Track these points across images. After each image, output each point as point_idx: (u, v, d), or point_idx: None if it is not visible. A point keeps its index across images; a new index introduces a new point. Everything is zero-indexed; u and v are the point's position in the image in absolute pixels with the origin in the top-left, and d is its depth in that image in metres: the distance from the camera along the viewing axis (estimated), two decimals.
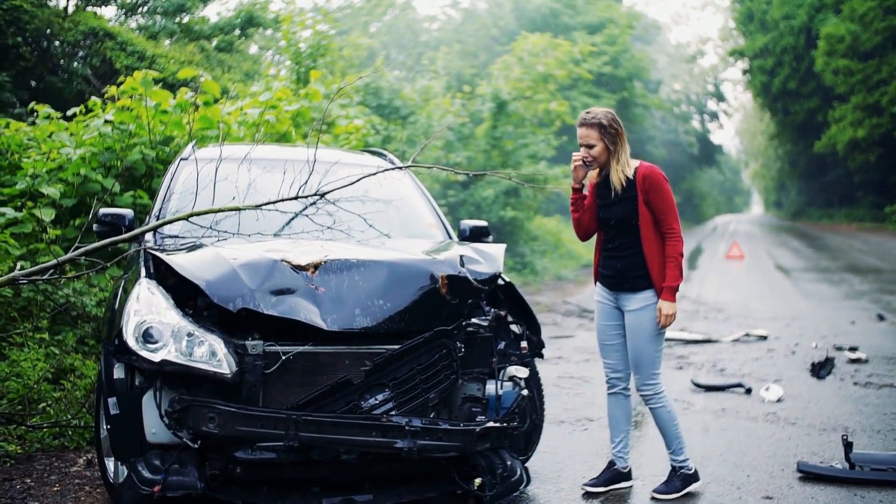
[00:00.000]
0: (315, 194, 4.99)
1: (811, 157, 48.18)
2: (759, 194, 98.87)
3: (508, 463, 4.44)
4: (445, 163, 16.41)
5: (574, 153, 4.74)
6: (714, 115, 54.63)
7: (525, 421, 4.44)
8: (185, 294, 4.17)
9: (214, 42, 20.75)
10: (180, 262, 4.11)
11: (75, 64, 16.22)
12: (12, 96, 14.47)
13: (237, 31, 21.46)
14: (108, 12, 21.13)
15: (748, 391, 7.35)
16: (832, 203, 50.29)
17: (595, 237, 4.96)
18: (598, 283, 4.90)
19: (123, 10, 21.10)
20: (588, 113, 4.68)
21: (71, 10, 17.73)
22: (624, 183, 4.60)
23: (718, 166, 60.49)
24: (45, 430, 5.48)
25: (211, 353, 3.85)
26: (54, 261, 4.41)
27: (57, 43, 16.34)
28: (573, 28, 30.47)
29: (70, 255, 4.43)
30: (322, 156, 5.80)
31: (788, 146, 52.42)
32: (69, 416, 5.63)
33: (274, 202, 4.90)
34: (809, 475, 5.12)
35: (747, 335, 10.29)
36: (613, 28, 30.48)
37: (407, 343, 4.08)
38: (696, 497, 4.79)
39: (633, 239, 4.65)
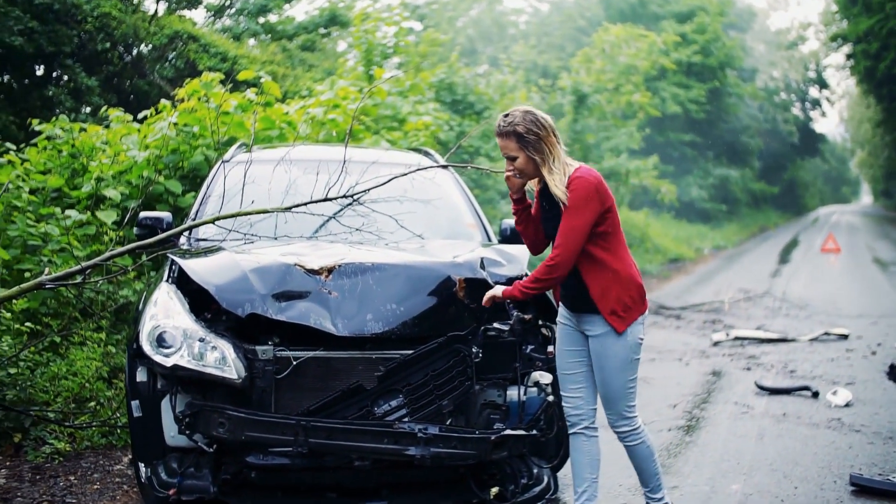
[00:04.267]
0: (344, 196, 4.96)
1: None
2: (867, 184, 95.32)
3: (535, 471, 4.33)
4: None
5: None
6: (816, 103, 52.86)
7: (552, 428, 4.31)
8: (209, 298, 4.19)
9: (298, 41, 21.04)
10: (194, 267, 4.13)
11: (160, 67, 16.63)
12: (101, 100, 14.91)
13: (321, 30, 21.73)
14: (197, 17, 21.67)
15: (815, 395, 7.04)
16: None
17: None
18: (559, 302, 4.20)
19: (211, 13, 21.58)
20: (505, 118, 3.93)
21: (161, 13, 18.22)
22: (562, 191, 3.82)
23: (822, 155, 58.46)
24: (93, 428, 5.61)
25: (221, 358, 3.86)
26: (79, 266, 4.49)
27: (143, 47, 16.78)
28: (662, 17, 29.82)
29: (96, 260, 4.51)
30: (361, 156, 5.78)
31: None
32: (117, 415, 5.74)
33: (302, 204, 4.88)
34: (863, 489, 4.85)
35: (826, 334, 9.89)
36: (704, 16, 29.69)
37: (420, 348, 4.01)
38: None
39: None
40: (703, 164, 32.75)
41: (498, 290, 4.02)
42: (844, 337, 9.79)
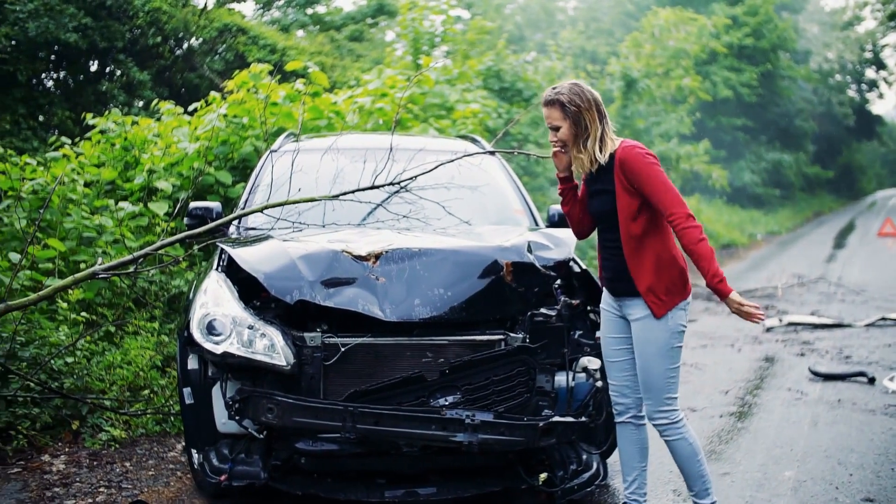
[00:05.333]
0: (391, 183, 4.97)
1: None
2: None
3: (584, 457, 4.32)
4: None
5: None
6: (873, 84, 51.72)
7: (601, 414, 4.28)
8: (258, 286, 4.23)
9: (346, 32, 21.14)
10: (243, 255, 4.18)
11: (210, 60, 16.81)
12: (153, 94, 15.13)
13: (368, 20, 21.81)
14: (246, 9, 21.85)
15: (871, 381, 6.91)
16: None
17: None
18: (603, 287, 4.08)
19: (260, 5, 21.77)
20: (553, 89, 3.88)
21: (210, 6, 18.42)
22: (593, 170, 3.83)
23: (879, 138, 57.18)
24: (147, 416, 5.70)
25: (270, 346, 3.90)
26: (130, 256, 4.56)
27: (194, 40, 16.98)
28: (713, 0, 29.39)
29: (147, 249, 4.59)
30: (407, 143, 5.79)
31: None
32: (169, 403, 5.83)
33: (349, 192, 4.91)
34: None
35: (883, 319, 9.69)
36: None
37: (488, 353, 4.01)
38: (786, 496, 4.53)
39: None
40: (755, 149, 32.25)
41: (729, 303, 3.72)
42: None
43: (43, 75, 15.20)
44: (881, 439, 5.47)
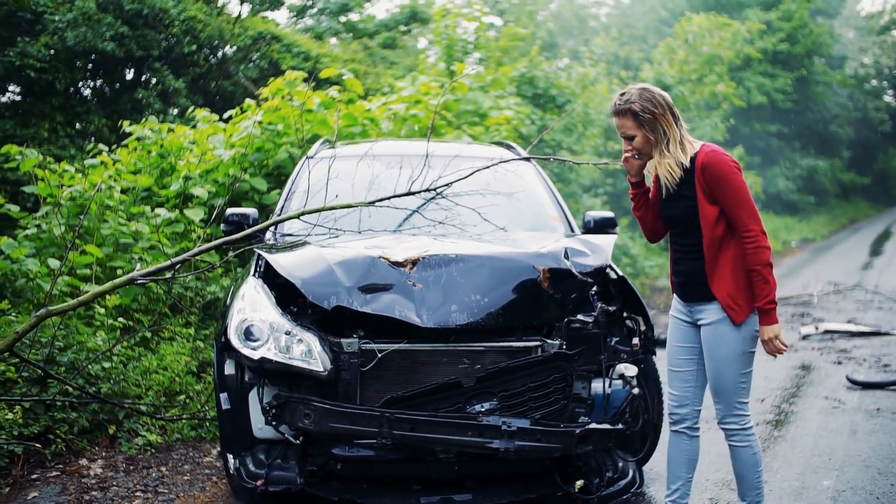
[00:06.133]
0: (427, 189, 4.98)
1: None
2: None
3: (620, 464, 4.30)
4: (605, 152, 16.09)
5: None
6: None
7: (637, 421, 4.26)
8: (294, 292, 4.25)
9: (379, 39, 21.21)
10: (281, 261, 4.20)
11: (244, 67, 16.94)
12: (188, 102, 15.26)
13: (401, 28, 21.87)
14: (280, 17, 22.04)
15: None
16: None
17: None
18: (674, 293, 4.03)
19: (293, 13, 21.91)
20: (621, 96, 3.77)
21: (244, 15, 18.57)
22: (674, 176, 3.72)
23: None
24: (183, 421, 5.74)
25: (307, 351, 3.91)
26: (168, 262, 4.60)
27: (228, 48, 17.11)
28: (746, 5, 29.14)
29: (185, 255, 4.62)
30: (442, 150, 5.80)
31: None
32: (205, 409, 5.87)
33: (386, 198, 4.92)
34: None
35: None
36: (790, 3, 28.93)
37: (524, 359, 4.00)
38: None
39: (700, 240, 3.76)
40: (789, 155, 31.91)
41: (764, 331, 3.72)
42: None
43: (80, 84, 15.39)
44: None
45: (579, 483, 4.12)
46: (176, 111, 15.45)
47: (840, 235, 27.26)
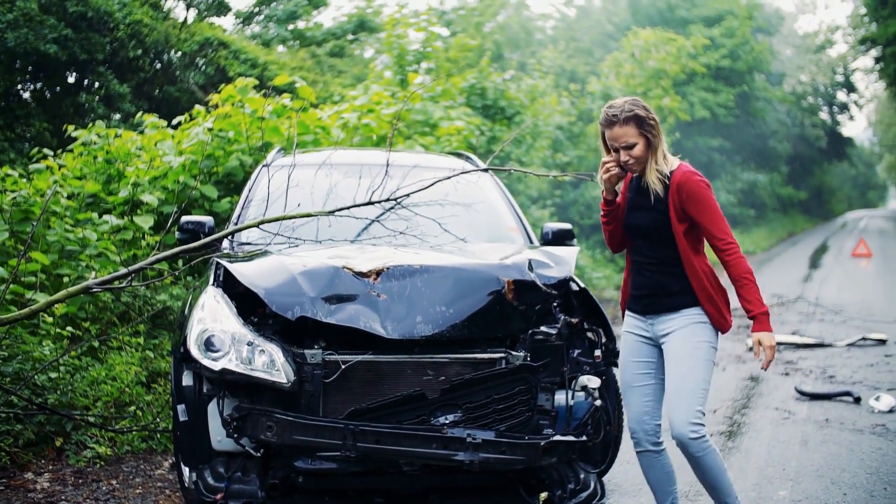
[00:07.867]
0: (387, 199, 4.94)
1: None
2: (895, 188, 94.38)
3: (582, 476, 4.28)
4: (553, 164, 16.19)
5: (605, 158, 3.85)
6: (844, 107, 52.37)
7: (599, 432, 4.26)
8: (255, 302, 4.17)
9: (327, 47, 21.12)
10: (242, 270, 4.12)
11: (191, 73, 16.73)
12: (132, 107, 15.02)
13: (349, 36, 21.82)
14: (227, 23, 21.82)
15: (857, 400, 6.93)
16: None
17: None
18: (626, 311, 4.04)
19: (240, 19, 21.72)
20: (612, 108, 3.75)
21: (191, 20, 18.35)
22: (663, 184, 3.74)
23: (849, 160, 57.84)
24: (134, 433, 5.61)
25: (270, 362, 3.84)
26: (125, 270, 4.49)
27: (174, 53, 16.90)
28: (690, 21, 29.65)
29: (141, 264, 4.51)
30: (402, 160, 5.76)
31: None
32: (157, 420, 5.74)
33: (346, 208, 4.87)
34: None
35: (864, 339, 9.74)
36: (732, 20, 29.51)
37: (489, 371, 3.97)
38: None
39: (670, 252, 3.80)
40: (731, 169, 32.51)
41: (764, 338, 3.79)
42: (882, 342, 9.65)
43: (19, 86, 15.06)
44: (871, 459, 5.48)
45: (543, 495, 4.10)
46: (119, 116, 15.20)
47: (779, 248, 27.82)
